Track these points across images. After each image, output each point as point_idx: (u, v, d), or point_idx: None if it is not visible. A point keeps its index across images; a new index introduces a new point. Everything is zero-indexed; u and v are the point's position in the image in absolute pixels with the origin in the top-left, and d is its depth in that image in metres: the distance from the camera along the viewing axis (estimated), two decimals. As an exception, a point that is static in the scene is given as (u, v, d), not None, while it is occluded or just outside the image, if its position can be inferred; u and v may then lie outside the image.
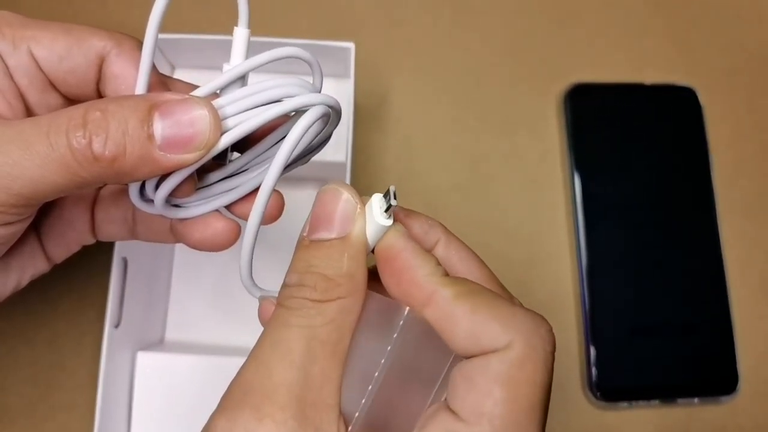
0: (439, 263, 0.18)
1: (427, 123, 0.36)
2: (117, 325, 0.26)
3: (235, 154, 0.21)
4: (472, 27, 0.38)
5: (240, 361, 0.28)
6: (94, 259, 0.33)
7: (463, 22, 0.38)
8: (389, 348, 0.17)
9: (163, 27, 0.20)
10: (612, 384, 0.32)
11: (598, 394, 0.32)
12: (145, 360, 0.28)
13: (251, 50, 0.29)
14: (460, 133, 0.36)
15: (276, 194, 0.21)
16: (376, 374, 0.17)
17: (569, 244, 0.35)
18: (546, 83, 0.37)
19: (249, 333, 0.31)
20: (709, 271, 0.34)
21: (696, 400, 0.32)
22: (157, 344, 0.31)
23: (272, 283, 0.26)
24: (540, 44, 0.38)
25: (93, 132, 0.17)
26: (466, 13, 0.38)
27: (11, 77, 0.20)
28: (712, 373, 0.33)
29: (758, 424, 0.33)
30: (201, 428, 0.27)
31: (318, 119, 0.18)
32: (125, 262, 0.27)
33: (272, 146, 0.20)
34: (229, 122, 0.18)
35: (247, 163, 0.20)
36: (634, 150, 0.36)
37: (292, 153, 0.18)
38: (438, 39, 0.38)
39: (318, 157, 0.30)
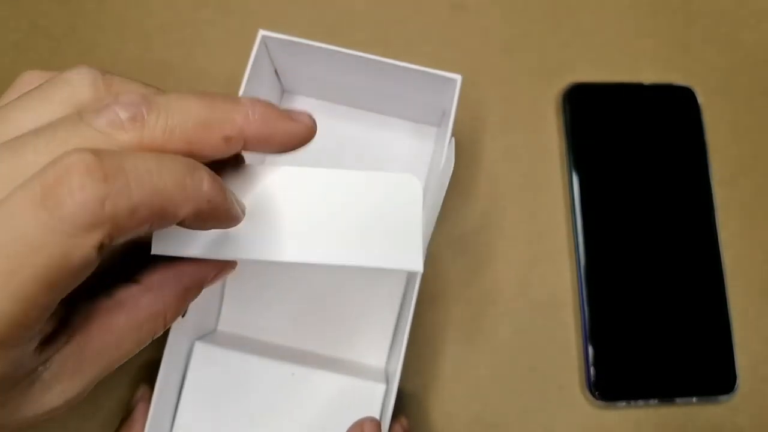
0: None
1: (426, 123, 0.36)
2: (183, 315, 0.27)
3: None
4: (470, 26, 0.38)
5: (295, 370, 0.28)
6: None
7: (461, 21, 0.38)
8: None
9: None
10: (610, 383, 0.32)
11: (597, 393, 0.32)
12: (201, 350, 0.28)
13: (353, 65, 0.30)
14: (459, 132, 0.36)
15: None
16: None
17: (568, 243, 0.35)
18: (544, 83, 0.37)
19: (303, 338, 0.32)
20: (708, 271, 0.34)
21: (694, 399, 0.32)
22: (210, 333, 0.31)
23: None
24: (538, 44, 0.38)
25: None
26: (463, 12, 0.38)
27: None
28: (710, 372, 0.33)
29: (756, 423, 0.33)
30: (241, 426, 0.27)
31: None
32: None
33: None
34: None
35: None
36: (633, 150, 0.36)
37: None
38: (436, 39, 0.38)
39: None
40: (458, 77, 0.28)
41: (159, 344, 0.25)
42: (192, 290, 0.20)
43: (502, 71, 0.37)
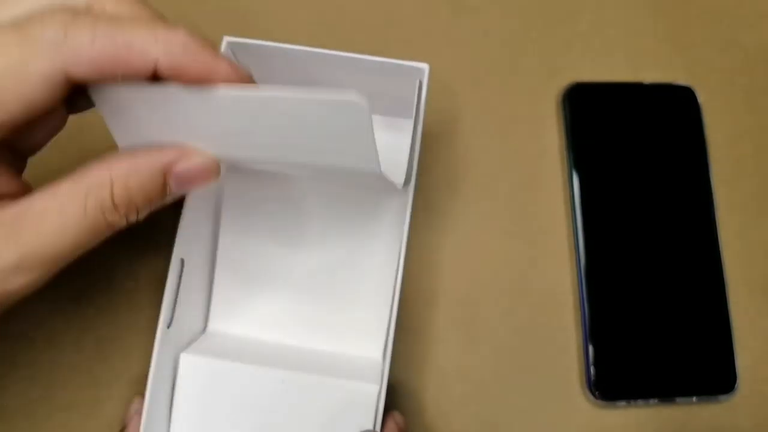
0: None
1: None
2: (169, 326, 0.26)
3: None
4: (470, 26, 0.38)
5: (285, 376, 0.27)
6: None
7: (461, 21, 0.38)
8: None
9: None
10: (610, 383, 0.32)
11: (597, 393, 0.32)
12: (188, 363, 0.27)
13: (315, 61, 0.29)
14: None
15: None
16: None
17: (568, 243, 0.35)
18: (544, 82, 0.37)
19: (291, 335, 0.31)
20: (708, 270, 0.34)
21: (694, 399, 0.32)
22: (198, 338, 0.30)
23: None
24: (538, 43, 0.38)
25: (127, 213, 0.20)
26: (464, 12, 0.38)
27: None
28: (710, 372, 0.33)
29: (756, 423, 0.33)
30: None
31: None
32: (182, 263, 0.27)
33: None
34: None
35: None
36: (633, 149, 0.36)
37: None
38: (436, 38, 0.38)
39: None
40: (426, 66, 0.28)
41: (149, 358, 0.26)
42: (148, 173, 0.20)
43: (502, 71, 0.37)
